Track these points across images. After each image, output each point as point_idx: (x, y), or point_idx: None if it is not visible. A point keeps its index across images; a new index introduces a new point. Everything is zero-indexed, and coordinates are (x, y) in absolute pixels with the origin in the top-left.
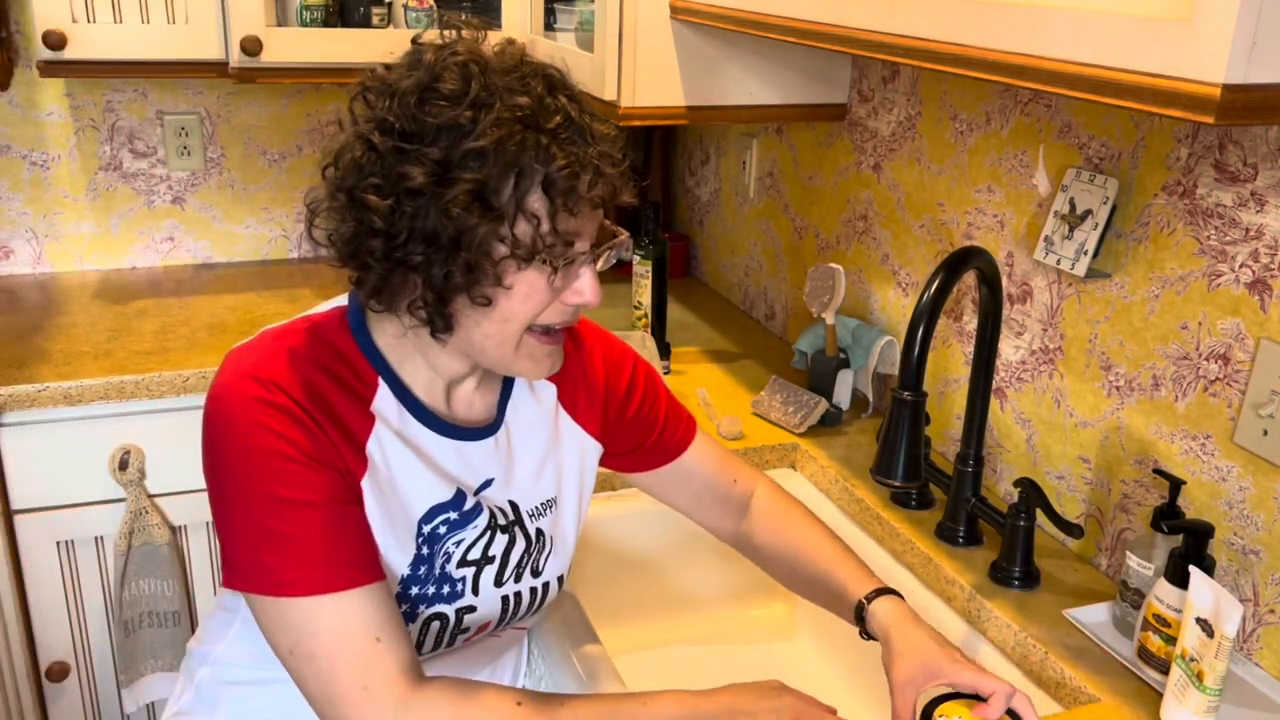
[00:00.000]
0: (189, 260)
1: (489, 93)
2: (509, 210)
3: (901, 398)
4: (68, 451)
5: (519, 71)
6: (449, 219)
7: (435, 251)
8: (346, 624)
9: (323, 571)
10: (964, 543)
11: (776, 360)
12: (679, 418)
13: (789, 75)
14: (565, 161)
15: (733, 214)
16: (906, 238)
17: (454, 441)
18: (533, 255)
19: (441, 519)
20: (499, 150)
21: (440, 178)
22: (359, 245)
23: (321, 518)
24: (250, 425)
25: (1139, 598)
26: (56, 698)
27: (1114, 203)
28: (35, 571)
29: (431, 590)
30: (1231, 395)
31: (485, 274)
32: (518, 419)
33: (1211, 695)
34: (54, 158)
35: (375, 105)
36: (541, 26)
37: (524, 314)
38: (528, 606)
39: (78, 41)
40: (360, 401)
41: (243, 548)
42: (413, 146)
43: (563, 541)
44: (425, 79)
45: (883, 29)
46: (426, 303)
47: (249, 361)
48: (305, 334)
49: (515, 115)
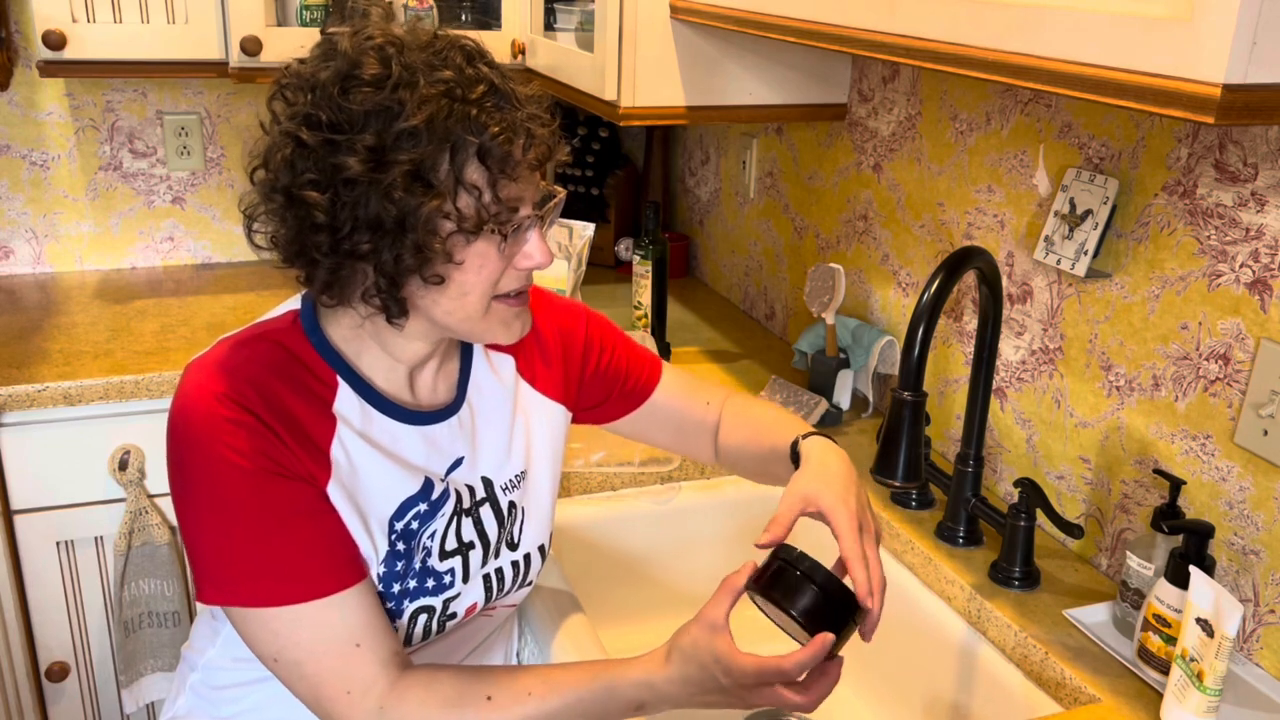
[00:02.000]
0: (189, 260)
1: (410, 71)
2: (449, 185)
3: (901, 398)
4: (68, 451)
5: (434, 46)
6: (391, 202)
7: (381, 237)
8: (327, 631)
9: (300, 582)
10: (964, 543)
11: (776, 360)
12: (641, 361)
13: (789, 75)
14: (498, 128)
15: (733, 214)
16: (906, 238)
17: (419, 427)
18: (479, 226)
19: (412, 513)
20: (430, 127)
21: (376, 163)
22: (303, 243)
23: (294, 529)
24: (216, 444)
25: (1139, 598)
26: (56, 698)
27: (1114, 203)
28: (35, 571)
29: (414, 584)
30: (1232, 395)
31: (435, 252)
32: (480, 395)
33: (1211, 695)
34: (54, 158)
35: (296, 101)
36: (541, 26)
37: (479, 285)
38: (512, 581)
39: (78, 41)
40: (321, 404)
41: (217, 564)
42: (343, 136)
43: (537, 511)
44: (344, 67)
45: (883, 29)
46: (380, 289)
47: (210, 376)
48: (262, 341)
49: (440, 90)
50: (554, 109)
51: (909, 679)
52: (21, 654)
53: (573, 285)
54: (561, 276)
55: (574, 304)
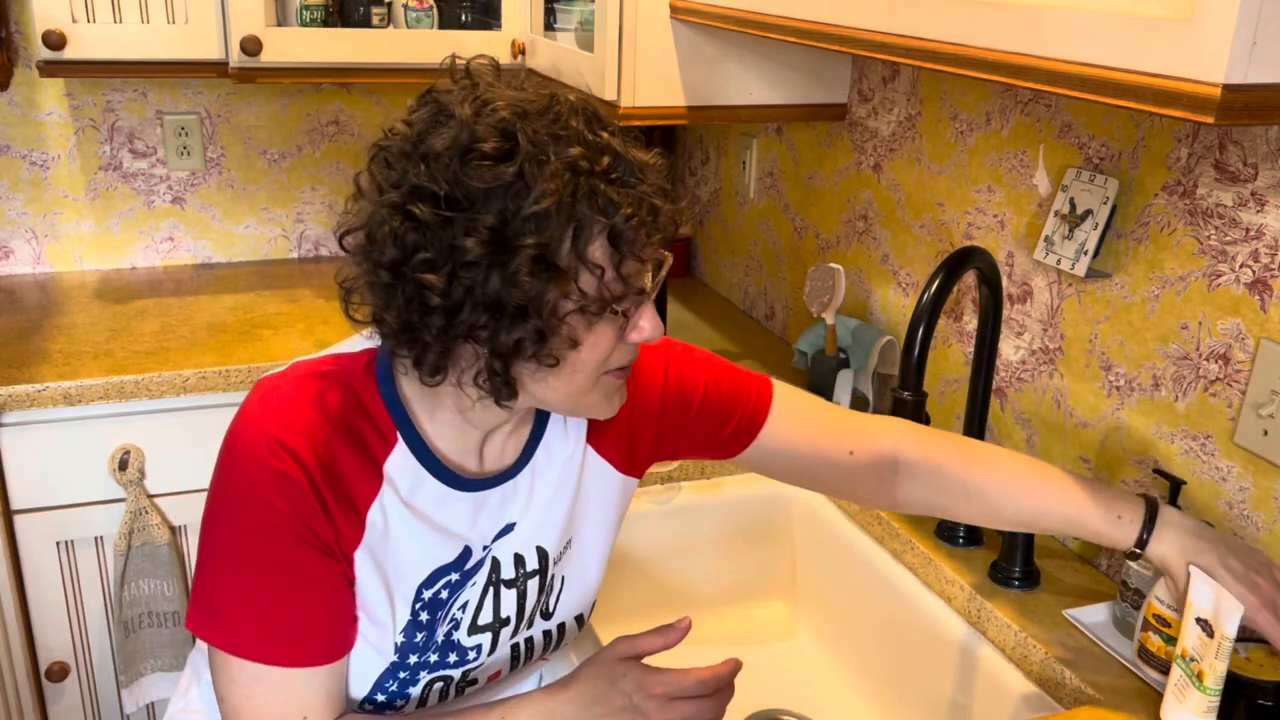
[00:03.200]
0: (189, 260)
1: (537, 146)
2: (573, 266)
3: (901, 398)
4: (68, 451)
5: (554, 111)
6: (515, 286)
7: (500, 320)
8: (282, 696)
9: (280, 647)
10: (964, 543)
11: (776, 360)
12: (742, 400)
13: (789, 75)
14: (631, 209)
15: (733, 214)
16: (906, 238)
17: (472, 494)
18: (603, 309)
19: (443, 582)
20: (559, 208)
21: (499, 245)
22: (413, 324)
23: (299, 598)
24: (258, 491)
25: (1139, 598)
26: (56, 698)
27: (1114, 203)
28: (35, 571)
29: (434, 658)
30: (1232, 395)
31: (557, 335)
32: (548, 459)
33: (1212, 695)
34: (54, 158)
35: (403, 168)
36: (541, 26)
37: (592, 364)
38: (542, 649)
39: (77, 41)
40: (372, 462)
41: (216, 598)
42: (462, 214)
43: (578, 581)
44: (464, 138)
45: (883, 29)
46: (493, 372)
47: (272, 410)
48: (333, 380)
49: (566, 165)
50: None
51: (909, 679)
52: (21, 654)
53: None
54: None
55: (654, 346)
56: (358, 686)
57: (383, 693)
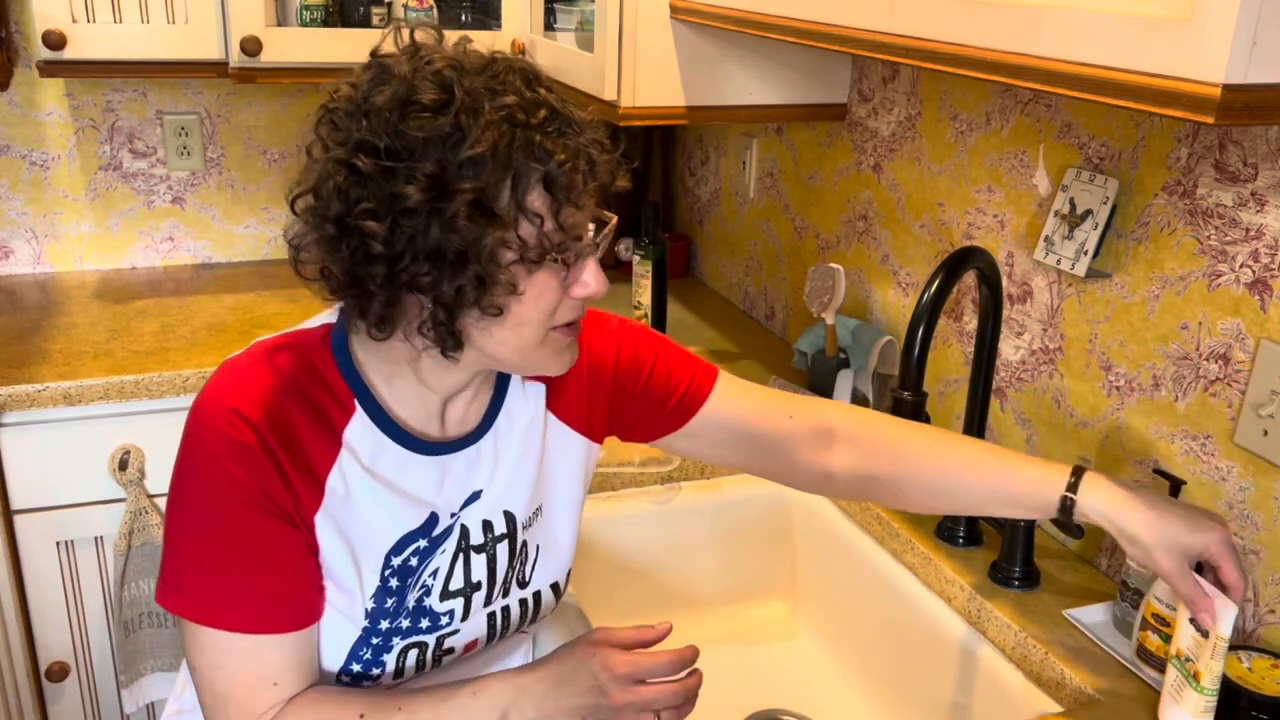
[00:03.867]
0: (189, 260)
1: (473, 97)
2: (511, 214)
3: (901, 398)
4: (68, 451)
5: (492, 70)
6: (454, 232)
7: (442, 268)
8: (251, 664)
9: (244, 612)
10: (964, 543)
11: (776, 360)
12: (688, 374)
13: (789, 75)
14: (564, 155)
15: (733, 214)
16: (906, 238)
17: (436, 458)
18: (542, 256)
19: (412, 549)
20: (494, 154)
21: (438, 192)
22: (357, 274)
23: (258, 563)
24: (218, 462)
25: (1139, 598)
26: (56, 698)
27: (1114, 203)
28: (35, 571)
29: (406, 624)
30: (1231, 395)
31: (497, 282)
32: (510, 424)
33: (1209, 695)
34: (54, 158)
35: (348, 127)
36: (541, 26)
37: (537, 316)
38: (519, 619)
39: (77, 41)
40: (329, 429)
41: (178, 566)
42: (401, 164)
43: (552, 549)
44: (402, 91)
45: (883, 29)
46: (437, 321)
47: (229, 383)
48: (291, 351)
49: (503, 115)
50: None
51: (909, 679)
52: (21, 654)
53: None
54: None
55: (608, 323)
56: (332, 657)
57: (358, 662)
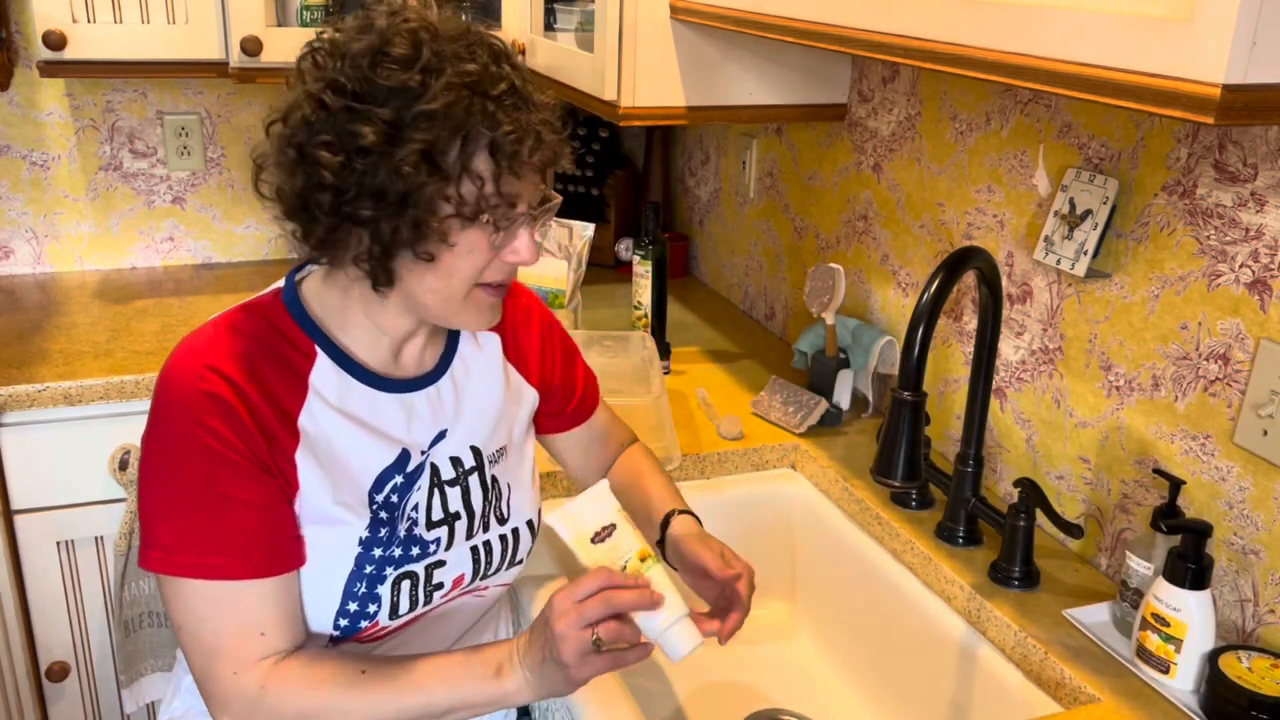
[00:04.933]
0: (189, 260)
1: (439, 59)
2: (455, 171)
3: (901, 398)
4: (68, 451)
5: (466, 39)
6: (399, 176)
7: (383, 208)
8: (236, 613)
9: (221, 557)
10: (964, 543)
11: (776, 360)
12: (590, 382)
13: (789, 75)
14: (511, 126)
15: (733, 214)
16: (906, 238)
17: (398, 395)
18: (476, 214)
19: (390, 485)
20: (448, 113)
21: (391, 137)
22: (307, 199)
23: (231, 508)
24: (184, 413)
25: (1138, 597)
26: (56, 698)
27: (1114, 203)
28: (35, 571)
29: (399, 552)
30: (1231, 395)
31: (430, 231)
32: (465, 369)
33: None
34: (54, 158)
35: (325, 66)
36: (541, 26)
37: (466, 270)
38: (501, 556)
39: (78, 41)
40: (296, 375)
41: (154, 525)
42: (364, 106)
43: (522, 486)
44: (377, 42)
45: (883, 29)
46: (372, 256)
47: (194, 346)
48: (247, 314)
49: (464, 81)
50: (567, 118)
51: (909, 679)
52: (21, 654)
53: (573, 285)
54: (561, 276)
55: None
56: (327, 600)
57: (353, 600)
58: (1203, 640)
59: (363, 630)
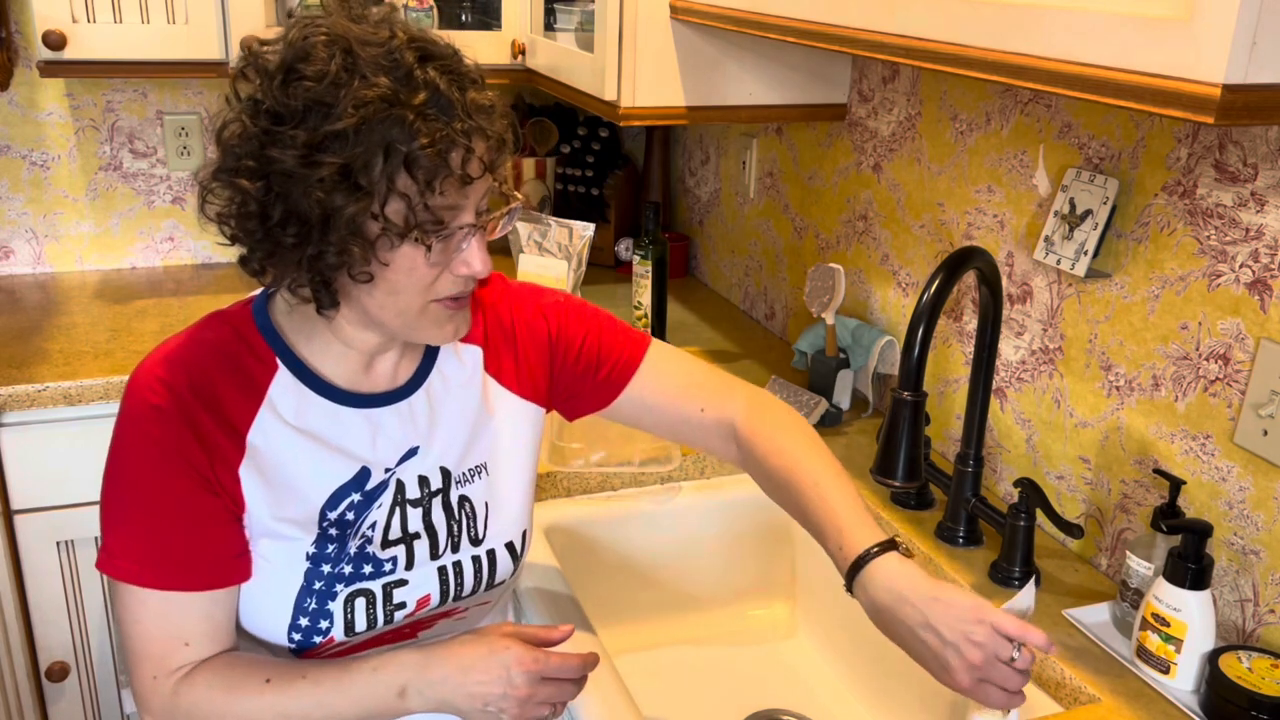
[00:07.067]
0: (189, 260)
1: (349, 72)
2: (380, 189)
3: (901, 398)
4: (68, 451)
5: (388, 46)
6: (316, 201)
7: (308, 232)
8: (163, 622)
9: (155, 569)
10: (964, 543)
11: (776, 360)
12: (619, 348)
13: (789, 75)
14: (428, 140)
15: (733, 214)
16: (906, 238)
17: (364, 410)
18: (405, 233)
19: (346, 503)
20: (361, 131)
21: (306, 159)
22: (239, 225)
23: (176, 525)
24: (134, 424)
25: (1139, 598)
26: (56, 698)
27: (1114, 203)
28: (35, 571)
29: (349, 570)
30: (1231, 395)
31: (355, 254)
32: (444, 384)
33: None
34: (54, 158)
35: (251, 81)
36: (541, 26)
37: (411, 287)
38: (474, 579)
39: (78, 42)
40: (252, 385)
41: (105, 527)
42: (280, 129)
43: (503, 507)
44: (289, 57)
45: (883, 29)
46: (311, 281)
47: (158, 355)
48: (216, 320)
49: (376, 94)
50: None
51: (909, 679)
52: (21, 654)
53: (572, 285)
54: (562, 277)
55: (540, 298)
56: (278, 614)
57: (304, 615)
58: (1203, 640)
59: (319, 645)
